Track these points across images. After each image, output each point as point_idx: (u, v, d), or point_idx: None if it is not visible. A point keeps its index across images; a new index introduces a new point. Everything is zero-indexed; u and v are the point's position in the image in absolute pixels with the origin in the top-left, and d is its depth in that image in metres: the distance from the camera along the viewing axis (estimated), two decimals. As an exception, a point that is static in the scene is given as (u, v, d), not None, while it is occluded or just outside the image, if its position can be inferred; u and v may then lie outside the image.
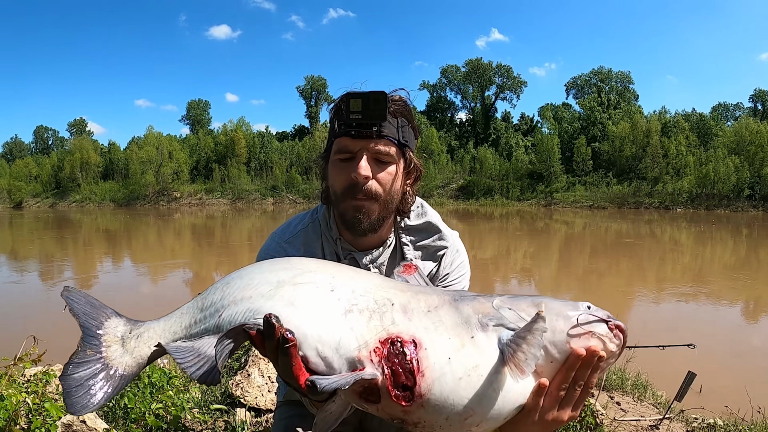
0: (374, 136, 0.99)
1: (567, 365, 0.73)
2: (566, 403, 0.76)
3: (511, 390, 0.72)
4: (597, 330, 0.75)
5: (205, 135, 57.68)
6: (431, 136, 47.81)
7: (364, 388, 0.71)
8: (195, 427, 2.16)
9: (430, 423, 0.72)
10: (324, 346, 0.71)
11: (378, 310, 0.75)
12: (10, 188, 55.24)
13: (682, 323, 6.39)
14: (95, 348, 0.74)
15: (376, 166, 1.02)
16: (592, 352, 0.72)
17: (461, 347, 0.72)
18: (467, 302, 0.79)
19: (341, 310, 0.74)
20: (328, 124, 1.09)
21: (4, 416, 1.68)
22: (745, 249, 15.78)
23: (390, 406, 0.71)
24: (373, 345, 0.71)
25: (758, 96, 53.25)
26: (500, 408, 0.72)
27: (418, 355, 0.71)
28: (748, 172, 35.91)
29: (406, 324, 0.74)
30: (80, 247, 16.41)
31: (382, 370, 0.70)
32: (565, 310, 0.77)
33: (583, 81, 55.28)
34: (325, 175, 1.11)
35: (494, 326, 0.75)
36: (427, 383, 0.69)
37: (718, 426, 2.48)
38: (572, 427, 2.12)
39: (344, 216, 1.05)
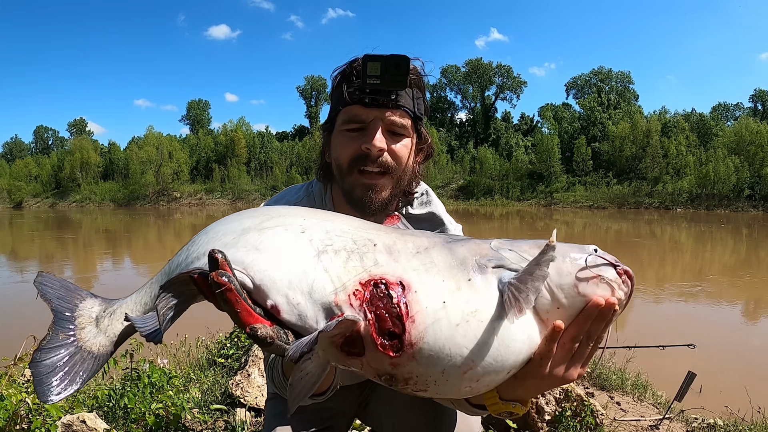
0: (390, 105, 0.90)
1: (583, 315, 0.66)
2: (578, 358, 0.69)
3: (516, 338, 0.64)
4: (606, 274, 0.68)
5: (205, 135, 57.73)
6: (431, 136, 47.67)
7: (344, 338, 0.61)
8: (195, 427, 2.16)
9: (423, 378, 0.62)
10: (295, 292, 0.61)
11: (357, 250, 0.65)
12: (10, 188, 55.27)
13: (682, 323, 6.39)
14: (68, 331, 0.69)
15: (389, 139, 0.93)
16: (610, 303, 0.65)
17: (457, 290, 0.63)
18: (461, 244, 0.70)
19: (313, 252, 0.64)
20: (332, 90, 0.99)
21: (4, 416, 1.68)
22: (745, 249, 15.78)
23: (376, 359, 0.61)
24: (352, 287, 0.61)
25: (758, 96, 53.26)
26: (504, 359, 0.63)
27: (407, 299, 0.61)
28: (748, 172, 35.93)
29: (392, 265, 0.64)
30: (80, 247, 16.41)
31: (365, 315, 0.60)
32: (571, 252, 0.70)
33: (583, 81, 55.30)
34: (324, 150, 1.02)
35: (494, 268, 0.67)
36: (419, 330, 0.60)
37: (718, 426, 2.48)
38: (572, 427, 2.12)
39: (351, 193, 0.94)
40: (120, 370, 2.26)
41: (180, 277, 0.64)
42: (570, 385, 2.23)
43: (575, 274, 0.67)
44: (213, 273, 0.57)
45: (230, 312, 0.59)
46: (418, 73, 0.96)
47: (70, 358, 0.67)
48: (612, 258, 0.70)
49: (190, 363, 3.16)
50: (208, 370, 2.92)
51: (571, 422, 2.13)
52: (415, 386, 0.64)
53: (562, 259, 0.68)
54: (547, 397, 2.20)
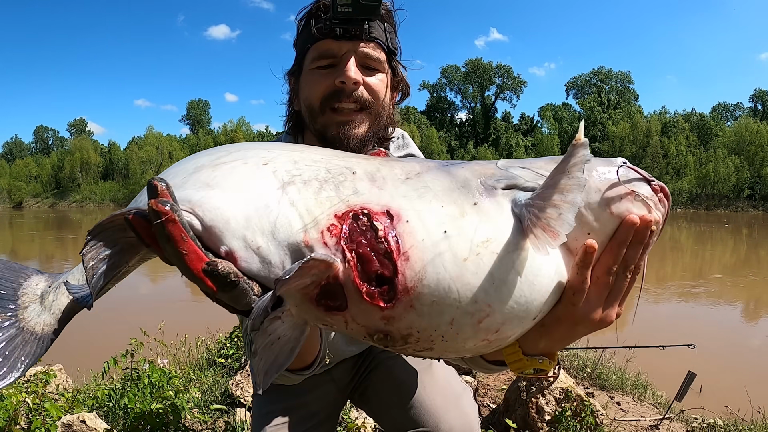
0: (363, 36, 0.84)
1: (617, 239, 0.53)
2: (615, 295, 0.56)
3: (542, 274, 0.50)
4: (640, 190, 0.55)
5: (205, 135, 57.76)
6: (431, 136, 47.79)
7: (320, 288, 0.48)
8: (195, 427, 2.16)
9: (426, 333, 0.49)
10: (254, 232, 0.48)
11: (332, 179, 0.52)
12: (10, 188, 55.31)
13: (682, 323, 6.39)
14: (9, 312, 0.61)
15: (364, 73, 0.86)
16: (647, 221, 0.53)
17: (461, 216, 0.50)
18: (461, 166, 0.57)
19: (277, 184, 0.51)
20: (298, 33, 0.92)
21: (4, 416, 1.68)
22: (745, 249, 15.79)
23: (363, 312, 0.48)
24: (326, 222, 0.48)
25: (758, 96, 53.28)
26: (529, 301, 0.50)
27: (397, 231, 0.48)
28: (748, 172, 35.96)
29: (376, 193, 0.51)
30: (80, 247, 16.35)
31: (343, 256, 0.47)
32: (598, 165, 0.57)
33: (583, 81, 55.34)
34: (292, 98, 0.95)
35: (504, 189, 0.53)
36: (415, 270, 0.47)
37: (718, 426, 2.48)
38: (572, 427, 2.12)
39: (325, 133, 0.87)
40: (120, 370, 2.26)
41: (113, 219, 0.51)
42: (570, 385, 2.23)
43: (604, 191, 0.54)
44: (151, 200, 0.45)
45: (174, 255, 0.46)
46: (387, 8, 0.91)
47: (11, 340, 0.59)
48: (644, 172, 0.58)
49: (190, 363, 3.16)
50: (208, 370, 2.92)
51: (571, 422, 2.13)
52: (417, 345, 0.50)
53: (588, 173, 0.53)
54: (547, 397, 2.20)
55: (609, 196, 0.54)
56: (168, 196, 0.47)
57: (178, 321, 4.11)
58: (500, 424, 2.23)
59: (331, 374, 1.14)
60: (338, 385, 1.15)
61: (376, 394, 1.10)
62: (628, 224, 0.53)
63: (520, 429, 2.16)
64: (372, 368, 1.13)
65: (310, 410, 1.10)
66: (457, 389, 1.06)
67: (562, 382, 2.23)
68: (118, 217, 0.51)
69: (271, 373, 0.50)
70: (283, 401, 1.09)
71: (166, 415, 2.01)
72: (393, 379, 1.07)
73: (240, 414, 2.17)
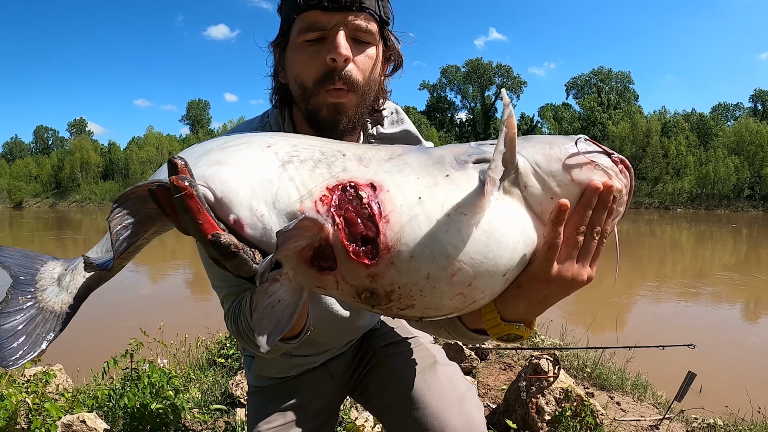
0: (354, 7, 0.79)
1: (583, 203, 0.60)
2: (584, 254, 0.62)
3: (508, 232, 0.57)
4: (600, 161, 0.62)
5: (205, 135, 57.72)
6: (431, 136, 47.80)
7: (314, 250, 0.55)
8: (195, 427, 2.16)
9: (407, 288, 0.55)
10: (258, 202, 0.56)
11: (325, 160, 0.60)
12: (10, 188, 55.34)
13: (682, 323, 6.39)
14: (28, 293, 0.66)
15: (354, 47, 0.81)
16: (608, 186, 0.59)
17: (434, 185, 0.57)
18: (440, 147, 0.66)
19: (278, 162, 0.60)
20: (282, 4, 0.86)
21: (4, 416, 1.68)
22: (745, 249, 15.79)
23: (351, 271, 0.55)
24: (318, 193, 0.56)
25: (758, 96, 53.29)
26: (496, 255, 0.56)
27: (379, 198, 0.55)
28: (748, 172, 35.96)
29: (362, 170, 0.59)
30: (80, 247, 16.39)
31: (333, 221, 0.54)
32: (559, 139, 0.64)
33: (583, 81, 55.35)
34: (278, 69, 0.91)
35: (474, 163, 0.61)
36: (394, 231, 0.54)
37: (718, 426, 2.48)
38: (572, 427, 2.12)
39: (316, 115, 0.84)
40: (120, 370, 2.26)
41: (136, 190, 0.57)
42: (570, 385, 2.23)
43: (565, 160, 0.61)
44: (173, 176, 0.52)
45: (191, 224, 0.53)
46: None
47: (32, 319, 0.65)
48: (605, 147, 0.64)
49: (190, 363, 3.16)
50: (208, 370, 2.92)
51: (571, 422, 2.13)
52: (399, 302, 0.57)
53: (549, 146, 0.63)
54: (547, 397, 2.20)
55: (569, 164, 0.61)
56: (186, 173, 0.53)
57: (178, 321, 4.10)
58: (500, 424, 2.23)
59: (329, 371, 1.12)
60: (337, 382, 1.14)
61: (378, 393, 1.09)
62: (591, 188, 0.60)
63: (520, 429, 2.16)
64: (373, 365, 1.12)
65: (310, 410, 1.09)
66: (461, 389, 1.03)
67: (562, 382, 2.23)
68: (141, 188, 0.57)
69: (275, 335, 0.56)
70: (282, 401, 1.08)
71: (166, 415, 2.01)
72: (395, 378, 1.05)
73: (240, 414, 2.17)
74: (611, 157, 0.63)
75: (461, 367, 2.86)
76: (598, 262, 0.64)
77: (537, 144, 0.64)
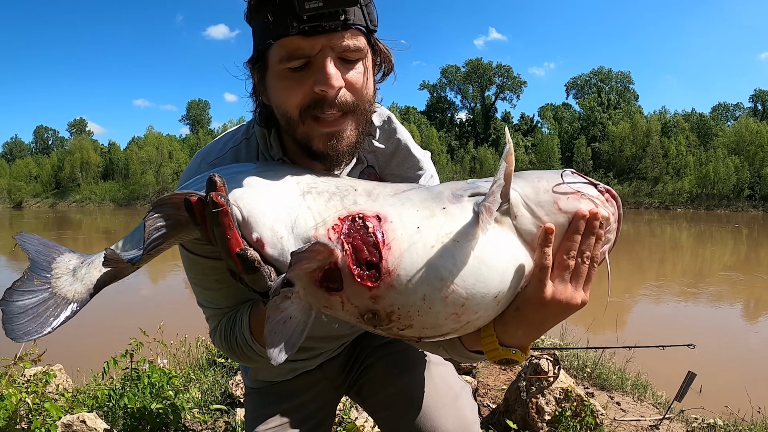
0: (339, 28, 0.69)
1: (571, 228, 0.64)
2: (576, 277, 0.65)
3: (499, 258, 0.62)
4: (586, 191, 0.66)
5: (205, 135, 57.72)
6: (431, 136, 47.82)
7: (323, 272, 0.60)
8: (195, 427, 2.16)
9: (405, 309, 0.60)
10: (279, 226, 0.63)
11: (339, 193, 0.68)
12: (10, 188, 55.34)
13: (682, 323, 6.39)
14: (43, 278, 0.70)
15: (343, 68, 0.73)
16: (594, 213, 0.63)
17: (431, 217, 0.63)
18: (440, 184, 0.73)
19: (299, 192, 0.68)
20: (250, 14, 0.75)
21: (4, 416, 1.68)
22: (745, 249, 15.78)
23: (355, 293, 0.60)
24: (331, 222, 0.63)
25: (758, 96, 53.28)
26: (487, 278, 0.60)
27: (383, 228, 0.62)
28: (748, 172, 35.95)
29: (370, 204, 0.66)
30: (80, 247, 16.39)
31: (342, 247, 0.60)
32: (547, 173, 0.70)
33: (583, 81, 55.34)
34: (258, 90, 0.81)
35: (469, 196, 0.66)
36: (395, 257, 0.59)
37: (718, 426, 2.48)
38: (572, 427, 2.12)
39: (308, 145, 0.76)
40: (120, 370, 2.25)
41: (173, 197, 0.63)
42: (570, 385, 2.23)
43: (552, 190, 0.66)
44: (213, 193, 0.58)
45: (220, 238, 0.59)
46: None
47: (44, 302, 0.68)
48: (592, 179, 0.69)
49: (190, 363, 3.16)
50: (208, 370, 2.92)
51: (571, 422, 2.13)
52: (399, 322, 0.62)
53: (537, 179, 0.68)
54: (547, 397, 2.20)
55: (556, 194, 0.66)
56: (224, 191, 0.59)
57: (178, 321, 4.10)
58: (500, 425, 2.23)
59: (324, 372, 1.13)
60: (333, 383, 1.14)
61: (372, 393, 1.09)
62: (578, 216, 0.64)
63: (520, 429, 2.16)
64: (367, 365, 1.12)
65: (307, 411, 1.09)
66: (455, 388, 1.03)
67: (562, 382, 2.23)
68: (178, 197, 0.62)
69: (287, 349, 0.61)
70: (279, 403, 1.08)
71: (166, 415, 2.01)
72: (388, 378, 1.05)
73: (240, 414, 2.17)
74: (597, 188, 0.67)
75: (461, 366, 2.86)
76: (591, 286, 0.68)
77: (528, 178, 0.69)
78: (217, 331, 0.91)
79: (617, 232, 0.69)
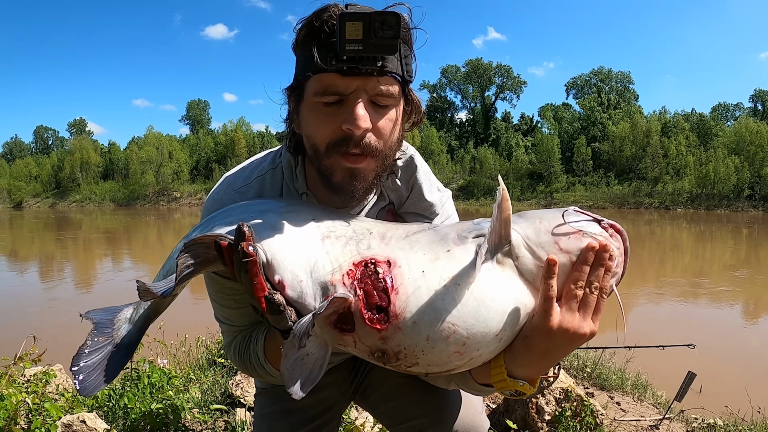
0: (375, 73, 0.73)
1: (580, 259, 0.66)
2: (585, 307, 0.66)
3: (498, 298, 0.64)
4: (588, 229, 0.68)
5: (205, 135, 57.71)
6: (431, 136, 47.81)
7: (338, 315, 0.66)
8: (195, 427, 2.16)
9: (411, 348, 0.64)
10: (299, 270, 0.67)
11: (355, 237, 0.72)
12: (10, 188, 55.31)
13: (682, 323, 6.39)
14: (106, 334, 0.77)
15: (373, 112, 0.76)
16: (603, 246, 0.65)
17: (435, 260, 0.67)
18: (449, 225, 0.76)
19: (319, 236, 0.72)
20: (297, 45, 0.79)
21: (4, 416, 1.68)
22: (745, 249, 15.78)
23: (366, 334, 0.65)
24: (346, 268, 0.67)
25: (758, 96, 53.26)
26: (486, 318, 0.63)
27: (392, 273, 0.66)
28: (748, 172, 35.92)
29: (383, 248, 0.70)
30: (80, 247, 16.40)
31: (355, 292, 0.65)
32: (547, 212, 0.71)
33: (583, 81, 55.32)
34: (292, 117, 0.85)
35: (473, 238, 0.70)
36: (402, 300, 0.64)
37: (718, 426, 2.48)
38: (572, 427, 2.12)
39: (330, 177, 0.80)
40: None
41: (204, 238, 0.68)
42: (570, 385, 2.23)
43: (552, 231, 0.68)
44: (243, 243, 0.62)
45: (246, 282, 0.64)
46: (406, 25, 0.76)
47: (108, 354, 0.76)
48: (594, 215, 0.70)
49: (190, 363, 3.16)
50: (208, 370, 2.91)
51: (571, 422, 2.13)
52: (406, 360, 0.65)
53: (539, 220, 0.70)
54: (547, 397, 2.20)
55: (557, 234, 0.67)
56: (252, 240, 0.64)
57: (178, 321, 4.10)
58: (500, 425, 2.23)
59: (330, 376, 1.13)
60: (339, 387, 1.14)
61: (377, 394, 1.09)
62: (586, 249, 0.65)
63: (520, 429, 2.16)
64: (372, 367, 1.12)
65: (313, 412, 1.09)
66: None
67: (562, 382, 2.23)
68: (209, 238, 0.68)
69: (308, 385, 0.66)
70: (287, 402, 1.08)
71: (166, 415, 2.01)
72: (393, 379, 1.05)
73: (240, 414, 2.17)
74: (600, 224, 0.69)
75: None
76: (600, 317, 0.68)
77: (529, 219, 0.71)
78: (231, 347, 0.95)
79: (624, 266, 0.70)
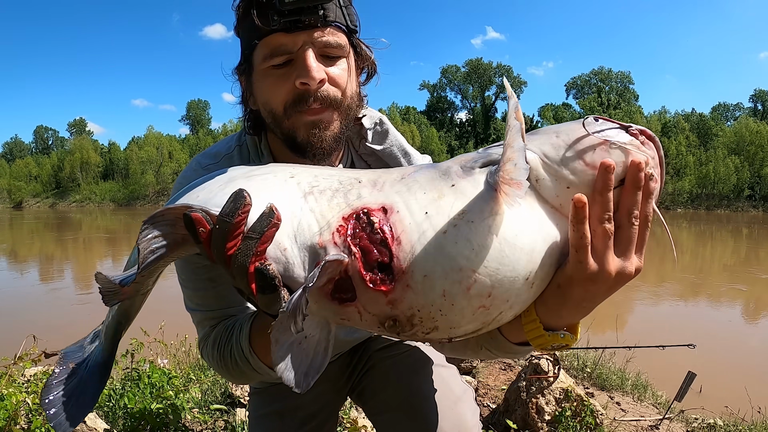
0: (319, 23, 0.73)
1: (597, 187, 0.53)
2: (626, 243, 0.55)
3: (523, 232, 0.52)
4: (616, 138, 0.55)
5: (205, 135, 57.74)
6: (431, 136, 47.82)
7: (334, 283, 0.53)
8: (195, 427, 2.16)
9: (426, 309, 0.52)
10: (281, 235, 0.54)
11: (342, 188, 0.59)
12: (10, 188, 55.35)
13: (682, 323, 6.39)
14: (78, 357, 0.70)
15: (324, 63, 0.76)
16: (637, 164, 0.53)
17: (439, 198, 0.54)
18: (449, 160, 0.62)
19: (300, 193, 0.58)
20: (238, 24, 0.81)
21: (4, 416, 1.68)
22: (745, 249, 15.79)
23: (371, 300, 0.52)
24: (336, 224, 0.54)
25: (758, 96, 53.30)
26: (513, 260, 0.51)
27: (390, 221, 0.53)
28: (748, 173, 35.95)
29: (375, 195, 0.57)
30: (80, 247, 16.39)
31: (349, 251, 0.52)
32: (566, 124, 0.60)
33: (583, 81, 55.37)
34: (246, 96, 0.86)
35: (481, 167, 0.57)
36: (406, 251, 0.51)
37: (718, 426, 2.48)
38: (572, 427, 2.12)
39: (294, 137, 0.77)
40: (120, 370, 2.26)
41: (166, 213, 0.55)
42: (570, 385, 2.23)
43: (573, 145, 0.56)
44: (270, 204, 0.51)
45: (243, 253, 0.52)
46: None
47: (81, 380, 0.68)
48: (619, 121, 0.58)
49: (190, 363, 3.16)
50: (208, 370, 2.91)
51: (571, 422, 2.13)
52: (422, 325, 0.53)
53: (556, 134, 0.58)
54: (547, 397, 2.20)
55: (579, 148, 0.56)
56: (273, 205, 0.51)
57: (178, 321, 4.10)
58: (500, 425, 2.23)
59: (325, 373, 1.12)
60: (335, 385, 1.14)
61: (373, 396, 1.08)
62: (602, 170, 0.53)
63: (520, 429, 2.16)
64: (368, 368, 1.11)
65: (308, 412, 1.09)
66: (456, 391, 1.01)
67: (562, 382, 2.23)
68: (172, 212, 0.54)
69: (312, 374, 0.55)
70: (280, 402, 1.08)
71: (166, 415, 2.01)
72: (389, 381, 1.04)
73: (240, 414, 2.17)
74: (629, 131, 0.57)
75: (461, 366, 2.86)
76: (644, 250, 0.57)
77: (544, 135, 0.59)
78: (209, 340, 0.86)
79: (662, 179, 0.57)
